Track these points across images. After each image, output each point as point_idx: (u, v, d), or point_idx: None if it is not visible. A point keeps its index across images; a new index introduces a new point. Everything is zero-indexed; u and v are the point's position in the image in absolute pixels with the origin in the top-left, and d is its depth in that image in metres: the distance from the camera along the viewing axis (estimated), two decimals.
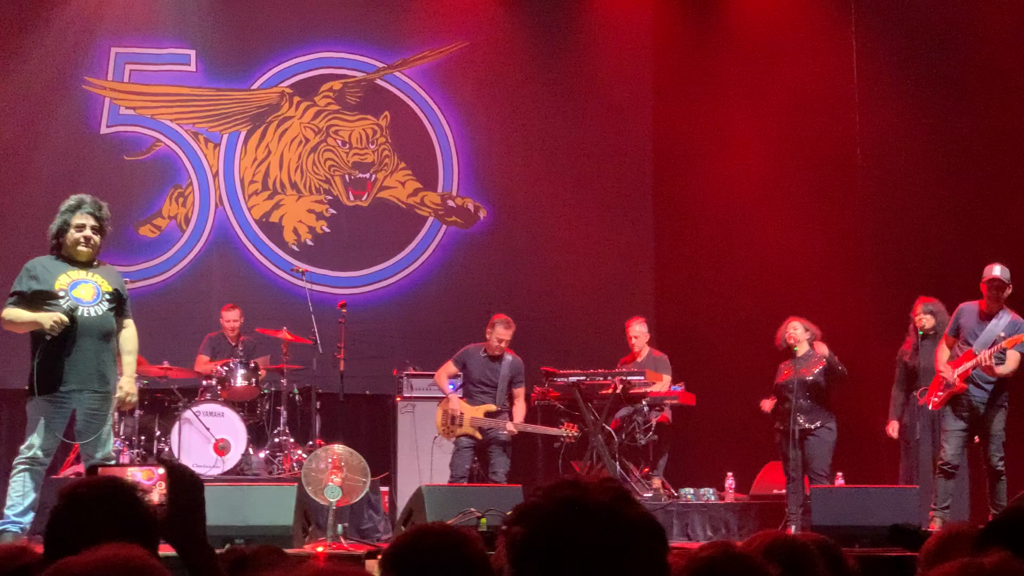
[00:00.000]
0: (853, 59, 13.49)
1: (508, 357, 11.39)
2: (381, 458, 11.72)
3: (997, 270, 9.95)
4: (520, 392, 11.40)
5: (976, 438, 10.05)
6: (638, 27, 14.52)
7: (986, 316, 10.02)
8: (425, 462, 11.54)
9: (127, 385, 8.16)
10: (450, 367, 11.46)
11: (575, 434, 11.28)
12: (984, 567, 2.13)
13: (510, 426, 11.18)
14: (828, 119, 13.43)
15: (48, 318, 7.75)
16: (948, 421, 9.99)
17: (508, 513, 2.21)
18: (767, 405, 11.19)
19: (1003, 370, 9.80)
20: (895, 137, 13.20)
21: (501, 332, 11.36)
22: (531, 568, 2.10)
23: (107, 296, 8.01)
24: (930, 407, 10.19)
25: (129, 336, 8.25)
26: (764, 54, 13.78)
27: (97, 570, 2.00)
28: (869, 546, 8.55)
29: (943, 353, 10.17)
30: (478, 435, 11.17)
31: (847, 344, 11.53)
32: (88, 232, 8.01)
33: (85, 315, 7.90)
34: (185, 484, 2.71)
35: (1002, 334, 9.86)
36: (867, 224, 13.39)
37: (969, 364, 9.88)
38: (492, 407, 11.22)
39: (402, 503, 10.94)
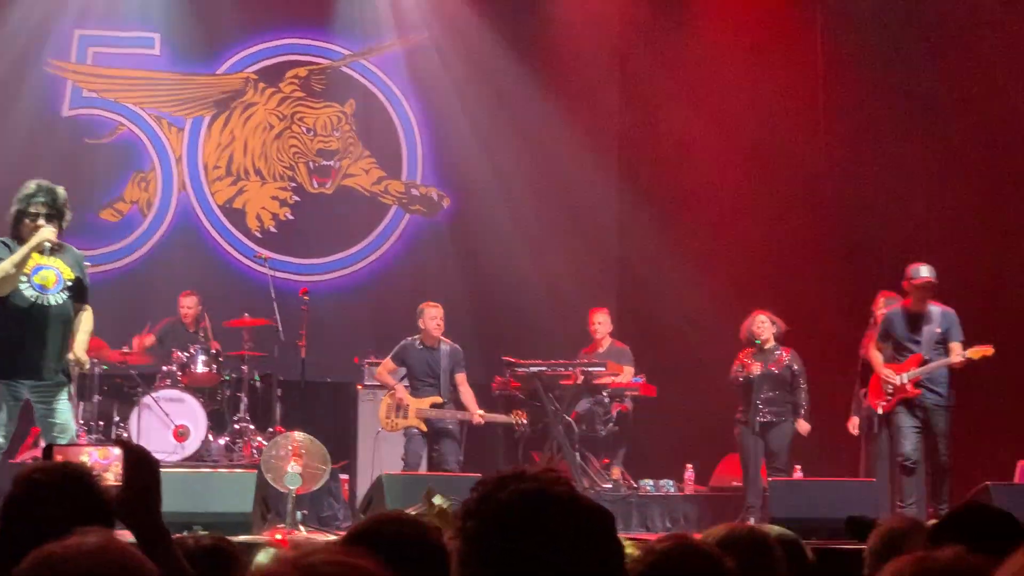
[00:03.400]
0: (819, 52, 13.56)
1: (445, 347, 11.34)
2: (342, 446, 11.69)
3: (927, 271, 10.12)
4: (463, 378, 11.34)
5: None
6: (606, 17, 14.51)
7: (915, 316, 10.23)
8: (386, 450, 11.51)
9: (79, 353, 8.08)
10: (389, 364, 11.41)
11: (523, 421, 11.28)
12: (939, 561, 2.14)
13: (476, 418, 11.15)
14: (794, 112, 13.48)
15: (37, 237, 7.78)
16: (902, 419, 10.13)
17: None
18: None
19: (958, 358, 10.08)
20: (860, 130, 13.28)
21: (433, 312, 11.29)
22: (487, 561, 2.09)
23: (68, 284, 7.97)
24: (879, 411, 10.33)
25: (86, 318, 8.19)
26: (732, 47, 13.80)
27: (80, 558, 1.99)
28: (826, 538, 8.59)
29: (877, 356, 10.33)
30: (423, 426, 11.12)
31: (809, 337, 11.59)
32: (41, 222, 7.94)
33: (45, 303, 7.85)
34: (141, 465, 2.69)
35: (938, 330, 10.14)
36: (830, 219, 13.46)
37: (919, 370, 10.09)
38: (438, 399, 11.18)
39: (362, 491, 10.92)
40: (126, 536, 2.52)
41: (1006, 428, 11.64)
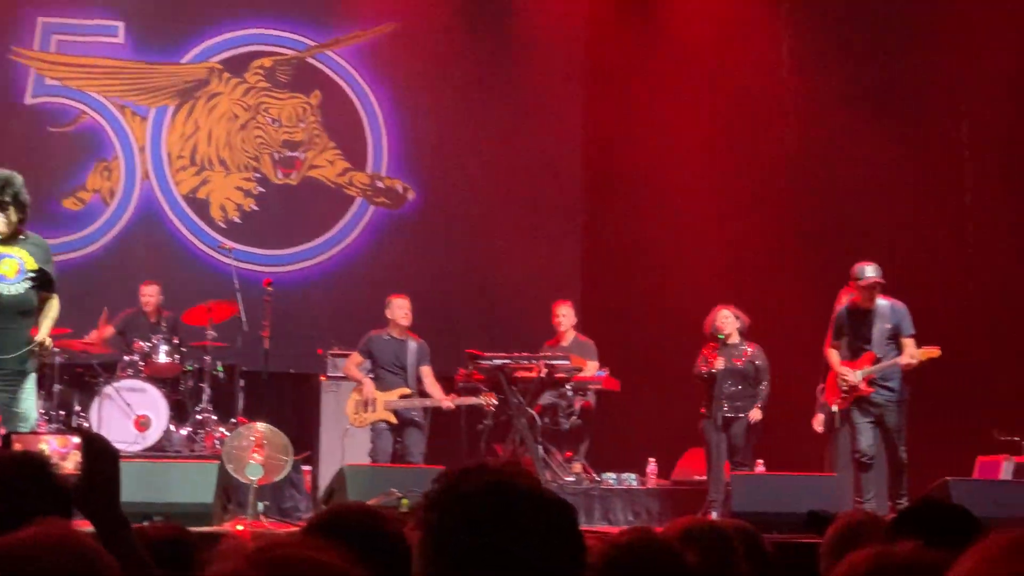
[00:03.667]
0: (785, 45, 13.63)
1: (413, 342, 11.34)
2: (304, 437, 11.66)
3: (873, 271, 10.17)
4: (428, 371, 11.34)
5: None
6: (573, 9, 14.51)
7: (864, 314, 10.28)
8: (348, 442, 11.49)
9: (42, 336, 8.02)
10: (357, 357, 11.38)
11: (494, 401, 11.28)
12: (896, 556, 2.16)
13: (447, 402, 11.14)
14: (761, 106, 13.54)
15: None
16: (857, 416, 10.22)
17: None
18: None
19: (906, 359, 10.12)
20: (828, 124, 13.35)
21: (400, 303, 11.31)
22: (448, 553, 2.09)
23: (31, 274, 7.91)
24: (834, 408, 10.40)
25: (51, 306, 8.14)
26: (696, 42, 13.84)
27: (37, 549, 1.97)
28: (788, 532, 8.64)
29: (834, 354, 10.38)
30: (392, 419, 11.11)
31: (774, 333, 11.63)
32: None
33: (4, 292, 7.80)
34: (100, 454, 2.68)
35: (888, 326, 10.19)
36: (796, 215, 13.52)
37: (872, 368, 10.15)
38: (406, 390, 11.17)
39: (325, 483, 10.90)
40: (85, 526, 2.51)
41: (965, 424, 11.74)
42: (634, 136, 14.10)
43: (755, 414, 11.05)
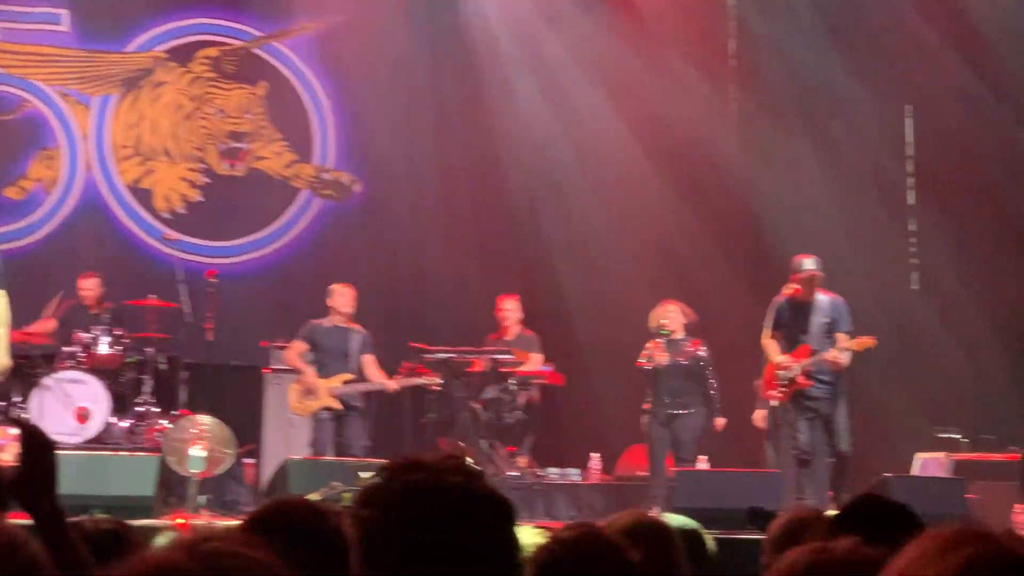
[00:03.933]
0: (730, 42, 13.70)
1: (355, 332, 11.31)
2: (247, 430, 11.59)
3: (812, 264, 10.23)
4: (372, 359, 11.29)
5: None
6: (519, 4, 14.47)
7: (803, 306, 10.32)
8: (292, 434, 11.44)
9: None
10: (299, 345, 11.32)
11: (438, 381, 11.26)
12: (833, 552, 2.17)
13: (391, 384, 11.12)
14: (704, 102, 13.59)
15: None
16: (794, 412, 10.24)
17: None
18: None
19: (846, 359, 10.14)
20: (769, 121, 13.42)
21: (345, 291, 11.31)
22: (384, 549, 2.09)
23: None
24: (774, 402, 10.44)
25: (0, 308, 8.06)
26: (644, 37, 13.87)
27: None
28: (730, 529, 8.67)
29: (772, 347, 10.40)
30: (336, 404, 11.05)
31: (716, 328, 11.67)
32: None
33: None
34: (36, 445, 2.65)
35: (826, 320, 10.23)
36: (739, 209, 13.59)
37: (809, 362, 10.17)
38: (349, 376, 11.13)
39: (268, 475, 10.86)
40: (23, 518, 2.48)
41: (904, 422, 11.84)
42: (579, 131, 14.12)
43: (720, 422, 11.06)
